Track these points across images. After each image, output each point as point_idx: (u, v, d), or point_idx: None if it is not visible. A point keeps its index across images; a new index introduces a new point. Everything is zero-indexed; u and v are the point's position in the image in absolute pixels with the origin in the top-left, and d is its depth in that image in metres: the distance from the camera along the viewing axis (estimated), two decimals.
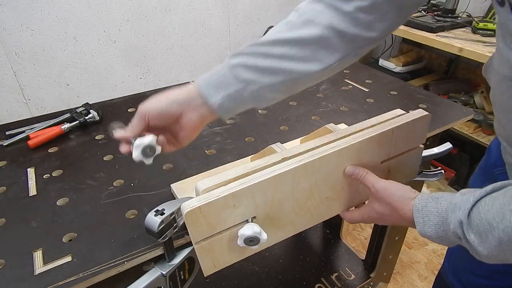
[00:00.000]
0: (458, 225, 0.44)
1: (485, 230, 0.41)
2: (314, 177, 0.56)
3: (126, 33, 2.01)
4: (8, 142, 0.79)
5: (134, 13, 1.99)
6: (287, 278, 1.23)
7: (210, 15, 2.27)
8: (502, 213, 0.39)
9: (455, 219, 0.44)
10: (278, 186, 0.52)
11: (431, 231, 0.48)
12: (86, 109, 0.88)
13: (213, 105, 0.53)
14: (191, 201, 0.47)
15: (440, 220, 0.47)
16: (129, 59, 2.10)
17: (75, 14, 1.83)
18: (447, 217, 0.46)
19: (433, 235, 0.48)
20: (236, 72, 0.53)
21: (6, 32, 1.71)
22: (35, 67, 1.83)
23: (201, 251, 0.51)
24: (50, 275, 0.50)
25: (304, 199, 0.58)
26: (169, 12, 2.10)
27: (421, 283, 1.41)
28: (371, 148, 0.60)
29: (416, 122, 0.62)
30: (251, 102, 0.56)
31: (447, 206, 0.46)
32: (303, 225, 0.61)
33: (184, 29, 2.21)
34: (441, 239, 0.47)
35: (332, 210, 0.63)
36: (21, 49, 1.76)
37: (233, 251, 0.54)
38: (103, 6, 1.88)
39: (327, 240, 1.41)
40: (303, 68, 0.53)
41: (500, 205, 0.40)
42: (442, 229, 0.47)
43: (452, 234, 0.45)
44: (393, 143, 0.62)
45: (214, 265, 0.54)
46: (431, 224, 0.48)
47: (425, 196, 0.50)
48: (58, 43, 1.85)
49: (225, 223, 0.50)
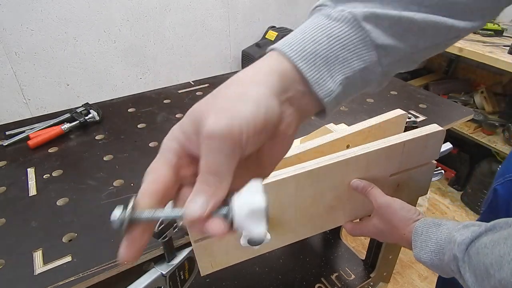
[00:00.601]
0: (453, 259, 0.43)
1: (482, 274, 0.39)
2: (320, 185, 0.54)
3: (126, 33, 2.01)
4: (8, 142, 0.79)
5: (134, 13, 1.99)
6: (287, 278, 1.23)
7: (210, 15, 2.27)
8: (501, 262, 0.37)
9: (450, 252, 0.43)
10: (281, 190, 0.51)
11: (427, 257, 0.47)
12: (86, 109, 0.88)
13: (324, 96, 0.28)
14: None
15: (437, 248, 0.46)
16: (129, 59, 2.10)
17: (75, 14, 1.83)
18: (444, 248, 0.44)
19: (428, 262, 0.47)
20: (369, 31, 0.28)
21: (6, 32, 1.71)
22: (35, 67, 1.84)
23: (200, 250, 0.51)
24: (50, 275, 0.50)
25: (307, 206, 0.56)
26: (169, 12, 2.10)
27: (421, 283, 1.41)
28: (380, 160, 0.57)
29: (429, 137, 0.59)
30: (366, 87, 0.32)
31: (446, 236, 0.45)
32: (306, 233, 0.60)
33: (184, 29, 2.21)
34: (436, 267, 0.46)
35: (336, 220, 0.62)
36: (21, 49, 1.77)
37: (232, 252, 0.54)
38: (103, 6, 1.88)
39: (327, 240, 1.41)
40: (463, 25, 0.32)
41: (499, 252, 0.37)
42: (437, 257, 0.46)
43: (446, 266, 0.44)
44: (404, 157, 0.59)
45: (212, 265, 0.54)
46: (428, 251, 0.47)
47: (428, 220, 0.49)
48: (58, 43, 1.85)
49: None
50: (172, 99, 0.99)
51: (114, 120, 0.89)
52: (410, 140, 0.56)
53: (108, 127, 0.86)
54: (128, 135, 0.83)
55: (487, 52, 1.43)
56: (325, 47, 0.28)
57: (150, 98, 1.00)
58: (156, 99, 0.99)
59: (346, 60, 0.28)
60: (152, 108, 0.94)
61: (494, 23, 1.66)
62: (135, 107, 0.95)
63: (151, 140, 0.81)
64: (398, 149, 0.57)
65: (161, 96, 1.01)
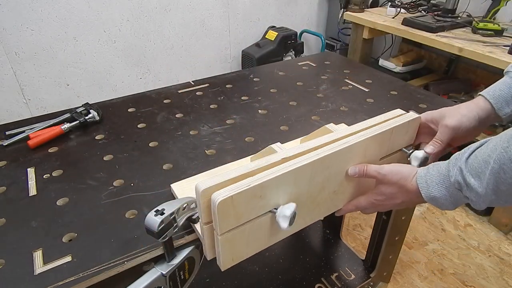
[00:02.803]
0: (459, 173, 0.49)
1: (482, 168, 0.46)
2: (328, 171, 0.59)
3: (126, 33, 2.02)
4: (8, 142, 0.79)
5: (134, 13, 1.99)
6: (287, 278, 1.23)
7: (210, 15, 2.27)
8: (495, 148, 0.44)
9: (455, 169, 0.49)
10: (298, 179, 0.54)
11: (435, 190, 0.52)
12: (86, 109, 0.88)
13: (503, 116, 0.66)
14: (222, 191, 0.47)
15: (442, 178, 0.52)
16: (129, 59, 2.10)
17: (75, 14, 1.83)
18: (448, 172, 0.51)
19: (437, 195, 0.52)
20: None
21: (6, 32, 1.71)
22: (35, 67, 1.84)
23: (224, 243, 0.51)
24: (50, 275, 0.50)
25: (316, 192, 0.60)
26: (169, 12, 2.11)
27: (421, 283, 1.41)
28: (375, 145, 0.64)
29: (410, 123, 0.67)
30: None
31: (446, 164, 0.52)
32: (311, 218, 0.63)
33: (184, 29, 2.21)
34: (445, 198, 0.52)
35: (337, 204, 0.66)
36: (21, 49, 1.77)
37: (252, 243, 0.55)
38: (103, 6, 1.88)
39: (327, 240, 1.41)
40: None
41: (494, 144, 0.45)
42: (444, 186, 0.52)
43: (454, 189, 0.50)
44: (391, 141, 0.67)
45: (233, 259, 0.54)
46: (434, 184, 0.53)
47: (428, 165, 0.56)
48: (58, 43, 1.86)
49: (250, 214, 0.51)
50: (172, 99, 0.99)
51: (114, 120, 0.89)
52: (397, 126, 0.65)
53: (108, 127, 0.86)
54: (128, 135, 0.83)
55: (487, 52, 1.43)
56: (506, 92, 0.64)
57: (150, 98, 1.00)
58: (156, 99, 0.99)
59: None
60: (152, 108, 0.94)
61: (494, 23, 1.66)
62: (135, 107, 0.95)
63: (151, 140, 0.81)
64: (388, 134, 0.65)
65: (161, 96, 1.01)
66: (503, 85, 0.65)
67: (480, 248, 1.57)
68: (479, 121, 0.66)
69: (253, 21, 2.49)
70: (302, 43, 2.48)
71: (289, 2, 2.58)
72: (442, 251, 1.55)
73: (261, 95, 1.02)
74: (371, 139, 0.62)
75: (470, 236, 1.63)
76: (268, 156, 0.56)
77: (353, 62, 1.33)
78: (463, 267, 1.48)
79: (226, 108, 0.95)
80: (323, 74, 1.16)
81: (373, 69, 1.20)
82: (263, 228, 0.55)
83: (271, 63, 1.27)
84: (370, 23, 1.97)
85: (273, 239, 0.58)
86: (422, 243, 1.59)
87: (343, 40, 2.70)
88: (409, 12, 2.05)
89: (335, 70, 1.19)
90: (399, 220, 1.09)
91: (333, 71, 1.18)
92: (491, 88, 0.66)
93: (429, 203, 0.54)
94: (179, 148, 0.78)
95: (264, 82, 1.10)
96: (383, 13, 2.09)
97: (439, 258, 1.52)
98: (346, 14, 2.12)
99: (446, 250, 1.56)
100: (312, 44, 2.85)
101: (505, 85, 0.65)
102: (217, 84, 1.09)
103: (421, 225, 1.69)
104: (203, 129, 0.85)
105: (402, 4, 2.10)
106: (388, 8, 2.05)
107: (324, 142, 0.59)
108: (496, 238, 1.62)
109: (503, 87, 0.65)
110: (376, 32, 2.00)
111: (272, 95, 1.02)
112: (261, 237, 0.56)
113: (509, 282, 1.42)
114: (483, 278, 1.43)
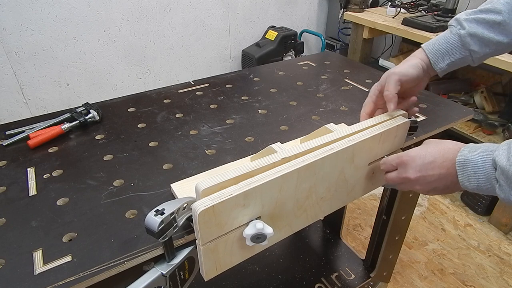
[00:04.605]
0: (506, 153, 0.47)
1: None
2: (315, 178, 0.57)
3: (126, 33, 2.02)
4: (8, 142, 0.79)
5: (134, 13, 1.99)
6: (287, 278, 1.23)
7: (210, 15, 2.27)
8: None
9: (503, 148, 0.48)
10: (284, 186, 0.53)
11: (472, 154, 0.51)
12: (86, 108, 0.88)
13: (438, 71, 0.68)
14: (203, 200, 0.47)
15: (485, 149, 0.51)
16: (129, 59, 2.10)
17: (75, 14, 1.83)
18: (495, 148, 0.50)
19: (472, 157, 0.51)
20: (466, 41, 0.64)
21: (6, 32, 1.71)
22: (35, 67, 1.84)
23: (206, 253, 0.50)
24: (50, 275, 0.50)
25: (303, 199, 0.58)
26: (169, 12, 2.11)
27: (421, 283, 1.41)
28: (364, 150, 0.63)
29: (399, 127, 0.66)
30: (465, 64, 0.69)
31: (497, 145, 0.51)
32: (299, 225, 0.62)
33: (184, 29, 2.21)
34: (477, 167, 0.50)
35: (324, 210, 0.65)
36: (21, 49, 1.77)
37: (236, 252, 0.54)
38: (103, 6, 1.88)
39: (327, 240, 1.41)
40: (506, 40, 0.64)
41: None
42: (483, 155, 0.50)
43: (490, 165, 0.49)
44: (380, 146, 0.66)
45: (216, 268, 0.54)
46: (474, 150, 0.52)
47: None
48: (58, 43, 1.86)
49: (233, 223, 0.50)
50: (172, 99, 0.99)
51: (114, 120, 0.89)
52: (386, 130, 0.64)
53: (108, 127, 0.86)
54: (128, 135, 0.83)
55: None
56: (444, 47, 0.67)
57: (150, 98, 1.00)
58: (156, 99, 0.99)
59: (452, 54, 0.67)
60: (152, 108, 0.94)
61: None
62: (135, 107, 0.95)
63: (151, 140, 0.81)
64: (377, 139, 0.64)
65: (161, 96, 1.01)
66: (443, 39, 0.67)
67: (480, 248, 1.57)
68: (423, 70, 0.68)
69: (253, 21, 2.49)
70: (302, 43, 2.48)
71: (289, 2, 2.58)
72: (442, 251, 1.55)
73: (261, 95, 1.02)
74: (360, 144, 0.61)
75: (470, 236, 1.63)
76: (268, 156, 0.56)
77: (353, 62, 1.33)
78: (463, 267, 1.48)
79: (226, 108, 0.95)
80: (323, 74, 1.16)
81: (373, 69, 1.20)
82: None
83: (271, 63, 1.27)
84: (370, 23, 1.97)
85: (260, 247, 0.57)
86: (422, 243, 1.59)
87: (343, 40, 2.70)
88: (409, 12, 2.05)
89: (335, 70, 1.19)
90: (399, 220, 1.09)
91: (333, 71, 1.18)
92: (431, 41, 0.69)
93: (458, 168, 0.53)
94: (179, 148, 0.78)
95: (264, 82, 1.10)
96: (383, 13, 2.09)
97: (439, 258, 1.52)
98: (346, 14, 2.12)
99: (446, 250, 1.56)
100: (312, 44, 2.85)
101: (444, 40, 0.67)
102: (217, 84, 1.09)
103: (421, 225, 1.69)
104: (203, 129, 0.85)
105: (402, 4, 2.10)
106: (388, 8, 2.05)
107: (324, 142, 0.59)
108: (496, 238, 1.62)
109: (442, 41, 0.67)
110: (376, 32, 2.00)
111: (272, 95, 1.02)
112: (246, 246, 0.54)
113: (509, 282, 1.42)
114: (483, 278, 1.43)
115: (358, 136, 0.61)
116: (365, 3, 2.19)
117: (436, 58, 0.67)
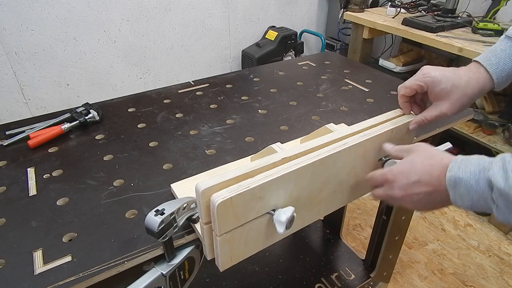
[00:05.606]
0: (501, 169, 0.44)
1: None
2: (327, 172, 0.59)
3: (126, 33, 2.02)
4: (8, 142, 0.79)
5: (134, 13, 1.99)
6: (287, 278, 1.23)
7: (210, 15, 2.27)
8: None
9: (498, 164, 0.45)
10: (299, 179, 0.55)
11: (463, 173, 0.47)
12: (86, 109, 0.88)
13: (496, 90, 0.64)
14: (222, 192, 0.47)
15: (478, 165, 0.47)
16: (129, 59, 2.10)
17: (75, 14, 1.83)
18: (489, 164, 0.46)
19: (463, 176, 0.47)
20: None
21: (6, 32, 1.71)
22: (35, 67, 1.84)
23: (223, 244, 0.51)
24: (50, 275, 0.50)
25: (316, 193, 0.60)
26: (169, 12, 2.11)
27: (421, 283, 1.41)
28: (375, 146, 0.64)
29: (409, 124, 0.67)
30: None
31: (491, 158, 0.47)
32: (310, 219, 0.64)
33: (184, 29, 2.21)
34: (470, 185, 0.47)
35: (335, 204, 0.67)
36: (21, 49, 1.77)
37: (250, 243, 0.55)
38: (103, 6, 1.88)
39: (327, 240, 1.41)
40: None
41: None
42: (475, 173, 0.47)
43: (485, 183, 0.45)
44: (391, 142, 0.66)
45: (231, 259, 0.55)
46: (465, 167, 0.48)
47: None
48: (58, 43, 1.86)
49: (249, 215, 0.51)
50: (172, 99, 0.99)
51: (114, 120, 0.89)
52: (397, 127, 0.65)
53: (108, 127, 0.86)
54: (128, 135, 0.83)
55: None
56: (509, 66, 0.61)
57: (150, 98, 1.00)
58: (156, 99, 0.99)
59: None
60: (152, 108, 0.94)
61: (494, 23, 1.66)
62: (135, 107, 0.95)
63: (151, 140, 0.81)
64: (387, 135, 0.65)
65: (161, 96, 1.01)
66: (507, 57, 0.61)
67: (480, 248, 1.57)
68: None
69: (253, 21, 2.49)
70: (302, 43, 2.48)
71: (289, 2, 2.58)
72: (442, 251, 1.55)
73: (261, 95, 1.02)
74: (372, 139, 0.62)
75: (470, 236, 1.63)
76: (268, 156, 0.56)
77: (353, 62, 1.33)
78: (463, 267, 1.48)
79: (226, 108, 0.95)
80: (323, 74, 1.16)
81: (373, 69, 1.20)
82: (262, 228, 0.55)
83: (271, 63, 1.27)
84: (370, 23, 1.97)
85: (272, 239, 0.59)
86: (422, 243, 1.59)
87: (343, 40, 2.70)
88: (409, 12, 2.05)
89: (335, 70, 1.19)
90: (399, 220, 1.09)
91: (333, 71, 1.18)
92: (494, 62, 0.62)
93: (448, 187, 0.49)
94: (179, 148, 0.78)
95: (264, 82, 1.10)
96: (383, 13, 2.09)
97: (439, 258, 1.52)
98: (346, 14, 2.12)
99: (446, 250, 1.56)
100: (312, 44, 2.85)
101: (508, 57, 0.61)
102: (217, 84, 1.09)
103: (421, 225, 1.69)
104: (203, 129, 0.85)
105: (402, 4, 2.10)
106: (388, 8, 2.05)
107: (325, 142, 0.59)
108: (496, 238, 1.62)
109: (507, 60, 0.61)
110: (376, 32, 2.00)
111: (272, 95, 1.02)
112: (260, 237, 0.56)
113: (509, 282, 1.42)
114: (483, 278, 1.43)
115: (370, 132, 0.62)
116: (365, 3, 2.19)
117: (501, 79, 0.61)
